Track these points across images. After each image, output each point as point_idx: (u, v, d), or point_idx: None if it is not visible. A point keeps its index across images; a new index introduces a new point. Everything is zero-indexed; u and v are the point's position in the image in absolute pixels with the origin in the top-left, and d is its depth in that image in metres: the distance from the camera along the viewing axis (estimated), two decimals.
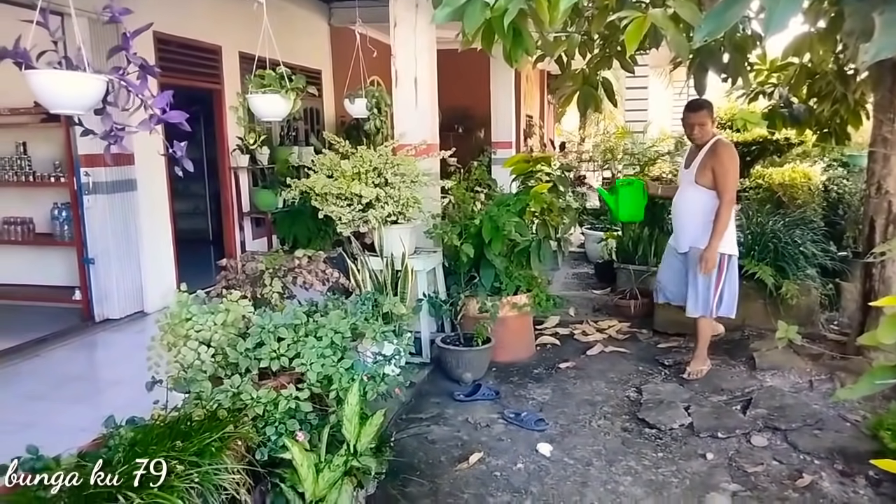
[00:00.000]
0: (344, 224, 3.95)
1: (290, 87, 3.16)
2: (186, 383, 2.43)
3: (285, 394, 2.29)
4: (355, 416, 2.28)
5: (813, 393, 3.78)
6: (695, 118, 3.93)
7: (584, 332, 5.07)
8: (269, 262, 3.12)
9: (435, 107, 4.70)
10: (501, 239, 4.05)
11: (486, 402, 3.83)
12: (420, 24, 4.46)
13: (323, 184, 3.84)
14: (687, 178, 4.03)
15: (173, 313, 2.71)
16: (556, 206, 4.35)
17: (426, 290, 4.33)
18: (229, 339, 2.61)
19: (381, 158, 4.02)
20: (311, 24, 8.09)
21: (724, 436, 3.32)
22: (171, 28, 5.70)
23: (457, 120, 10.32)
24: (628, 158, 7.18)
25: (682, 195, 4.10)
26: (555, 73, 15.29)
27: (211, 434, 1.92)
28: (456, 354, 4.08)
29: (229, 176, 6.69)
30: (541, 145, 13.66)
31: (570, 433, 3.43)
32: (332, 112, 8.60)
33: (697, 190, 3.93)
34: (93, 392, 4.05)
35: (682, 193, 4.11)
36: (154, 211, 5.67)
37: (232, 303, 2.75)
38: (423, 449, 3.26)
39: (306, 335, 2.55)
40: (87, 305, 5.32)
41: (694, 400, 3.77)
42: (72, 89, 2.03)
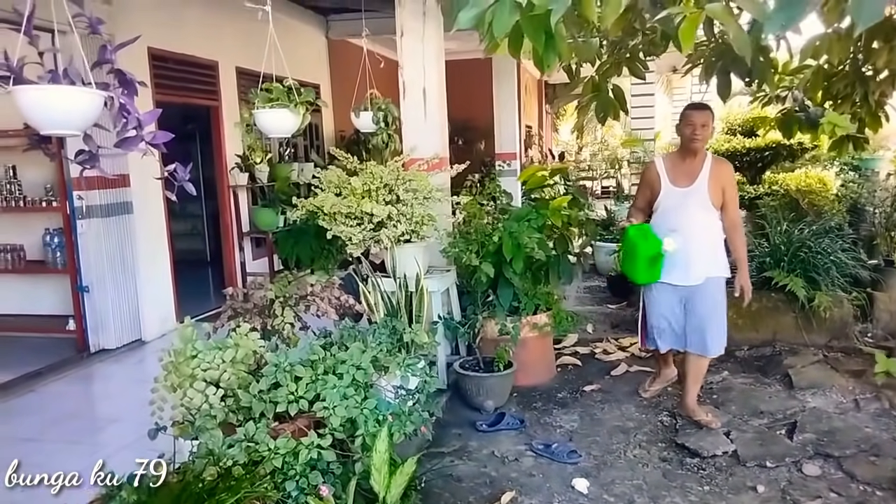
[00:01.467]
0: (354, 245, 3.72)
1: (299, 101, 2.94)
2: (194, 430, 2.19)
3: (306, 442, 2.05)
4: (385, 464, 2.03)
5: (861, 414, 3.55)
6: (700, 117, 3.42)
7: (606, 351, 4.84)
8: (279, 290, 2.89)
9: (444, 119, 4.49)
10: (523, 256, 3.82)
11: (510, 431, 3.58)
12: (428, 33, 4.25)
13: (332, 203, 3.60)
14: (696, 199, 3.42)
15: (177, 350, 2.47)
16: (576, 220, 4.13)
17: (440, 312, 4.09)
18: (240, 378, 2.37)
19: (391, 174, 3.79)
20: (308, 37, 7.90)
21: (773, 465, 3.09)
22: (166, 44, 5.49)
23: (457, 132, 10.11)
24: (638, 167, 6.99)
25: (693, 219, 3.42)
26: (553, 83, 15.19)
27: (226, 497, 1.67)
28: (476, 381, 3.84)
29: (228, 195, 6.45)
30: (541, 156, 13.48)
31: (606, 465, 3.19)
32: (331, 127, 8.40)
33: (710, 212, 3.45)
34: (90, 431, 3.79)
35: (690, 217, 3.42)
36: (151, 234, 5.42)
37: (241, 337, 2.51)
38: (450, 489, 3.01)
39: (325, 372, 2.31)
40: (82, 335, 5.06)
41: (733, 424, 3.54)
42: (66, 107, 1.78)
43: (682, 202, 3.45)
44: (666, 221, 3.48)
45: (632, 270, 3.54)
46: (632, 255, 3.49)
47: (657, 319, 3.61)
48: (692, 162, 3.46)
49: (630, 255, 3.53)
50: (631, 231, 3.51)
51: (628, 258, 3.57)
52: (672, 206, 3.48)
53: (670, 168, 3.52)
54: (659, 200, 3.53)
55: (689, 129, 3.44)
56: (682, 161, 3.50)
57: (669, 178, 3.50)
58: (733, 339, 4.63)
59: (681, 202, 3.46)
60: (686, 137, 3.46)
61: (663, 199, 3.51)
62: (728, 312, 4.68)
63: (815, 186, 6.23)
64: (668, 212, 3.48)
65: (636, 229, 3.48)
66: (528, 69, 11.35)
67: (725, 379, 4.18)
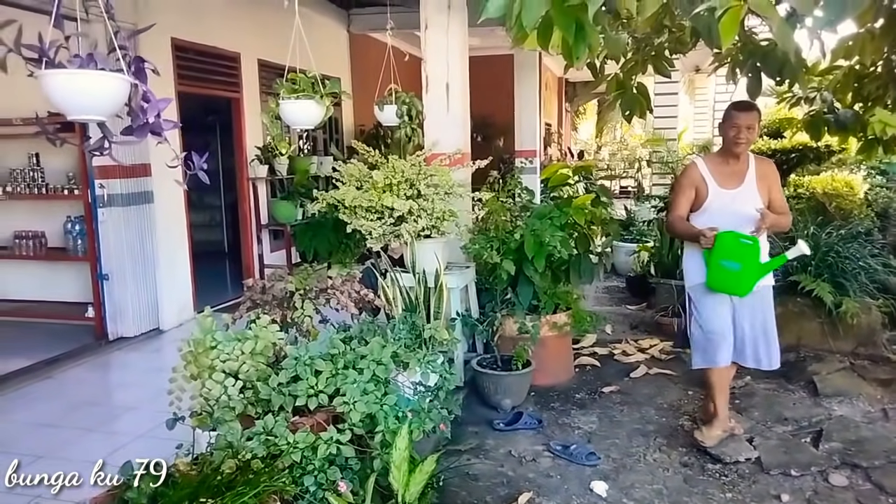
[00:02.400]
0: (374, 239, 3.69)
1: (325, 93, 2.91)
2: (213, 422, 2.17)
3: (325, 437, 2.02)
4: (404, 462, 2.00)
5: (890, 424, 3.46)
6: (745, 118, 3.12)
7: (625, 352, 4.77)
8: (299, 282, 2.86)
9: (467, 114, 4.45)
10: (544, 255, 3.77)
11: (528, 431, 3.53)
12: (452, 27, 4.21)
13: (353, 196, 3.58)
14: (745, 201, 3.13)
15: (197, 340, 2.45)
16: (598, 219, 4.07)
17: (459, 309, 4.05)
18: (259, 370, 2.34)
19: (413, 169, 3.76)
20: (330, 31, 7.88)
21: (798, 473, 3.01)
22: (189, 35, 5.50)
23: (476, 128, 10.03)
24: (660, 167, 6.89)
25: (744, 222, 3.09)
26: (573, 80, 15.07)
27: (245, 490, 1.65)
28: (494, 379, 3.80)
29: (247, 187, 6.46)
30: (560, 154, 13.38)
31: (626, 468, 3.13)
32: (350, 121, 8.38)
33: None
34: (107, 419, 3.80)
35: (740, 220, 3.10)
36: (171, 223, 5.44)
37: (261, 328, 2.49)
38: (466, 487, 2.97)
39: (345, 367, 2.28)
40: (101, 323, 5.08)
41: (756, 430, 3.46)
42: (95, 91, 1.75)
43: (730, 205, 3.15)
44: (719, 224, 3.07)
45: (736, 283, 3.01)
46: (746, 265, 2.95)
47: (712, 322, 3.22)
48: (736, 164, 3.19)
49: (739, 267, 2.96)
50: (730, 239, 2.96)
51: (728, 270, 2.99)
52: (720, 209, 3.16)
53: (714, 170, 3.21)
54: (706, 204, 3.19)
55: (733, 130, 3.12)
56: (726, 163, 3.21)
57: (716, 180, 3.18)
58: None
59: (729, 205, 3.15)
60: (729, 140, 3.14)
61: (711, 202, 3.18)
62: None
63: (843, 190, 6.10)
64: (716, 216, 3.14)
65: (733, 237, 2.97)
66: (549, 66, 11.25)
67: (748, 384, 4.10)
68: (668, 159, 6.70)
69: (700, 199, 3.23)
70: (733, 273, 2.99)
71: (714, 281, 3.08)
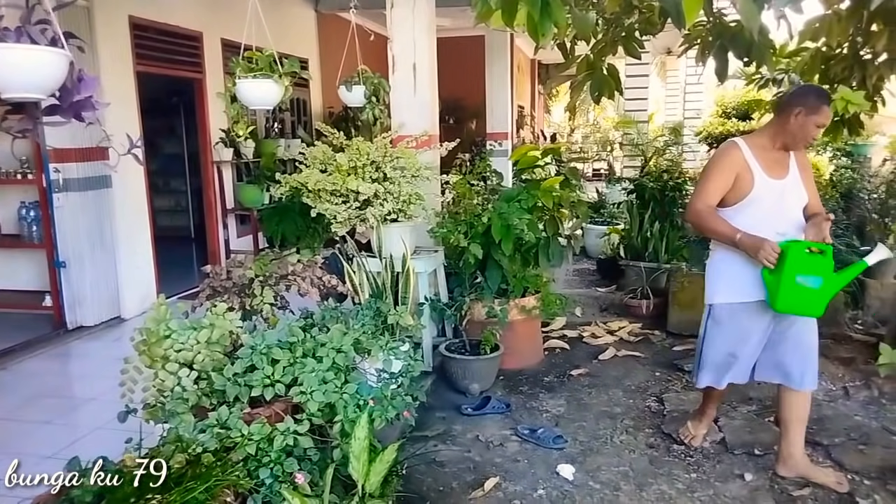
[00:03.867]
0: (339, 223, 3.61)
1: (283, 72, 2.80)
2: (165, 414, 2.09)
3: (282, 428, 1.96)
4: (364, 452, 1.95)
5: (851, 402, 3.51)
6: (829, 114, 2.61)
7: (594, 335, 4.78)
8: (259, 269, 2.78)
9: (435, 95, 4.37)
10: (512, 238, 3.73)
11: (496, 416, 3.52)
12: (419, 5, 4.11)
13: (316, 179, 3.49)
14: (794, 194, 2.69)
15: (149, 330, 2.36)
16: (567, 202, 4.04)
17: (427, 293, 4.00)
18: (215, 360, 2.27)
19: (379, 151, 3.68)
20: (297, 10, 7.69)
21: (761, 452, 3.04)
22: (147, 13, 5.31)
23: (448, 111, 9.96)
24: (630, 149, 6.89)
25: (793, 219, 2.68)
26: (546, 63, 15.01)
27: (195, 485, 1.59)
28: (462, 364, 3.77)
29: (212, 170, 6.30)
30: (533, 136, 13.35)
31: (592, 451, 3.13)
32: (319, 102, 8.22)
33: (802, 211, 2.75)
34: (65, 410, 3.69)
35: (791, 216, 2.69)
36: (131, 209, 5.28)
37: (217, 317, 2.41)
38: (432, 473, 2.94)
39: (304, 355, 2.22)
40: (59, 312, 4.93)
41: (721, 411, 3.48)
42: (32, 67, 1.63)
43: (780, 198, 2.66)
44: (764, 223, 2.60)
45: (814, 303, 2.50)
46: (826, 280, 2.46)
47: (738, 349, 2.80)
48: (781, 151, 2.68)
49: (820, 283, 2.46)
50: (801, 251, 2.47)
51: (807, 288, 2.46)
52: (771, 203, 2.64)
53: (758, 155, 2.64)
54: (749, 197, 2.64)
55: (814, 127, 2.58)
56: (772, 148, 2.67)
57: (762, 166, 2.63)
58: None
59: (780, 198, 2.65)
60: (805, 133, 2.59)
61: (759, 193, 2.63)
62: None
63: None
64: (763, 213, 2.63)
65: (802, 247, 2.49)
66: (521, 48, 11.17)
67: None
68: (638, 141, 6.70)
69: (741, 191, 2.63)
70: (813, 292, 2.45)
71: (787, 302, 2.50)
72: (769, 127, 2.73)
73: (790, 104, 2.60)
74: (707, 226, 2.71)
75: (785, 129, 2.61)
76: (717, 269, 2.82)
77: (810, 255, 2.47)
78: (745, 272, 2.68)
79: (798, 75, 4.97)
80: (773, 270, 2.49)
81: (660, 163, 6.18)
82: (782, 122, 2.61)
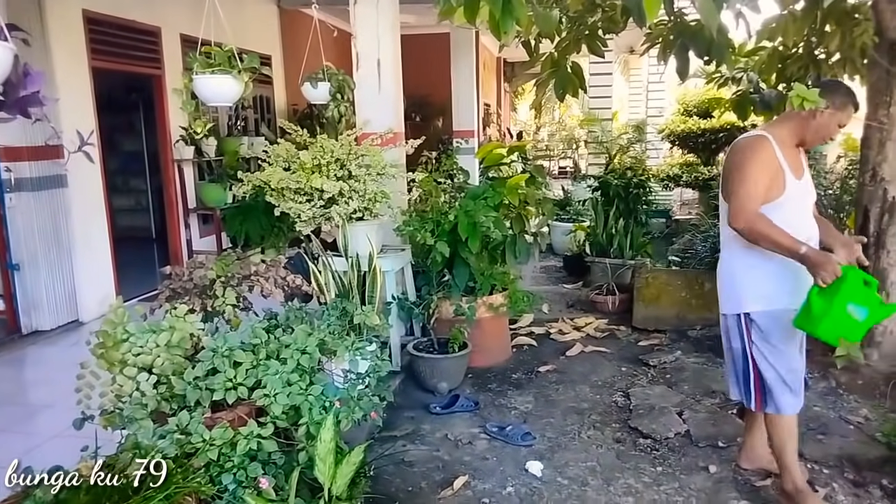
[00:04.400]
0: (303, 222, 3.56)
1: (242, 68, 2.74)
2: (123, 420, 2.03)
3: (245, 432, 1.92)
4: (330, 454, 1.92)
5: (809, 393, 3.56)
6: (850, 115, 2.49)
7: (561, 331, 4.82)
8: (221, 269, 2.72)
9: (400, 92, 4.34)
10: (479, 236, 3.72)
11: (465, 414, 3.51)
12: (383, 1, 4.07)
13: (279, 178, 3.43)
14: (811, 196, 2.56)
15: (106, 333, 2.29)
16: (533, 199, 4.05)
17: (395, 292, 3.98)
18: (175, 363, 2.21)
19: (343, 149, 3.63)
20: (259, 6, 7.56)
21: (725, 444, 3.10)
22: (102, 7, 5.15)
23: (414, 108, 9.93)
24: (595, 147, 6.95)
25: (813, 227, 2.52)
26: (512, 61, 15.07)
27: (153, 493, 1.54)
28: (430, 363, 3.75)
29: (173, 169, 6.15)
30: (499, 134, 13.39)
31: (560, 447, 3.15)
32: (283, 100, 8.10)
33: None
34: (20, 418, 3.56)
35: (812, 220, 2.54)
36: (88, 209, 5.12)
37: (177, 319, 2.35)
38: (401, 474, 2.92)
39: (267, 357, 2.17)
40: (13, 316, 4.76)
41: (686, 404, 3.54)
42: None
43: (803, 200, 2.50)
44: (797, 229, 2.38)
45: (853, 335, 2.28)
46: (872, 312, 2.25)
47: (798, 362, 2.54)
48: (796, 147, 2.52)
49: (866, 315, 2.25)
50: (857, 277, 2.24)
51: (853, 319, 2.24)
52: (797, 206, 2.45)
53: (784, 153, 2.42)
54: (780, 200, 2.40)
55: (837, 126, 2.46)
56: (791, 144, 2.48)
57: (789, 165, 2.42)
58: (686, 319, 4.69)
59: (802, 201, 2.49)
60: (828, 131, 2.46)
61: (789, 195, 2.41)
62: (681, 293, 4.76)
63: None
64: (792, 215, 2.42)
65: (858, 275, 2.26)
66: (486, 46, 11.18)
67: (678, 359, 4.19)
68: (602, 139, 6.77)
69: (772, 193, 2.40)
70: (855, 323, 2.25)
71: (829, 329, 2.26)
72: (788, 121, 2.48)
73: None
74: (764, 234, 2.33)
75: (808, 124, 2.42)
76: (752, 274, 2.50)
77: (865, 286, 2.25)
78: (785, 277, 2.44)
79: (756, 74, 5.09)
80: (823, 292, 2.25)
81: (624, 160, 6.24)
82: (806, 117, 2.40)
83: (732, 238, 2.51)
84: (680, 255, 5.25)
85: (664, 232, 6.52)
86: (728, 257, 2.60)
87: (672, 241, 6.14)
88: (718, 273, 2.65)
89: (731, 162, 2.49)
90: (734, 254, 2.56)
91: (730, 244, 2.57)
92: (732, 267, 2.57)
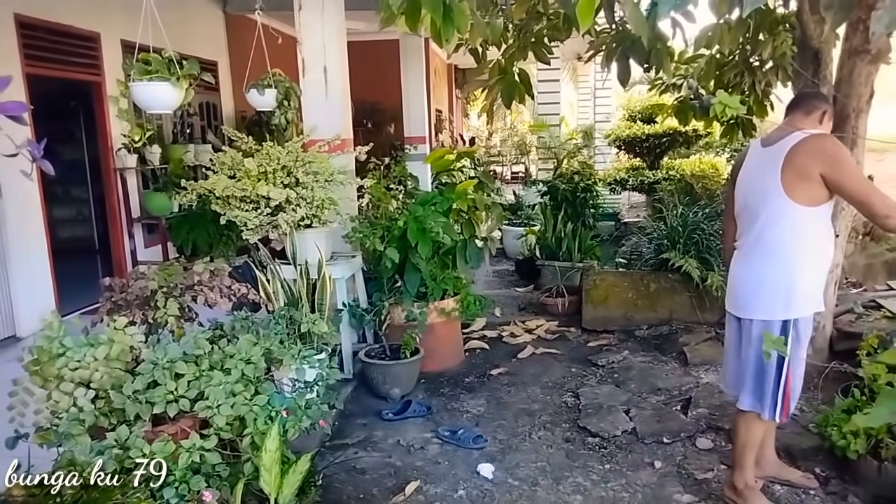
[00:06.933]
0: (250, 230, 3.51)
1: (181, 74, 2.69)
2: (58, 437, 1.96)
3: (187, 444, 1.88)
4: (275, 464, 1.90)
5: None
6: None
7: (513, 334, 4.87)
8: (162, 279, 2.66)
9: (347, 98, 4.32)
10: (428, 241, 3.74)
11: (417, 419, 3.52)
12: (328, 8, 4.06)
13: (224, 185, 3.38)
14: None
15: (41, 348, 2.21)
16: (482, 204, 4.09)
17: (346, 300, 3.96)
18: (114, 377, 2.15)
19: (290, 156, 3.61)
20: (204, 11, 7.42)
21: (669, 440, 3.19)
22: (37, 11, 4.97)
23: (366, 114, 9.91)
24: (544, 152, 7.07)
25: None
26: (463, 67, 15.17)
27: None
28: (382, 369, 3.74)
29: (115, 178, 5.97)
30: (452, 140, 13.46)
31: (511, 449, 3.18)
32: (231, 106, 7.96)
33: None
34: None
35: None
36: (23, 220, 4.92)
37: (116, 332, 2.29)
38: (353, 481, 2.90)
39: (211, 368, 2.14)
40: None
41: (633, 402, 3.63)
42: None
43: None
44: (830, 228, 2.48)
45: None
46: None
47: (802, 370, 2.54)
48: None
49: None
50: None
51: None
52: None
53: None
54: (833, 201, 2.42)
55: None
56: None
57: None
58: (633, 319, 4.81)
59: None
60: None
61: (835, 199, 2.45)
62: (628, 294, 4.88)
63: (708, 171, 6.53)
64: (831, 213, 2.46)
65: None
66: (437, 52, 11.25)
67: (626, 358, 4.29)
68: (550, 144, 6.89)
69: (827, 194, 2.36)
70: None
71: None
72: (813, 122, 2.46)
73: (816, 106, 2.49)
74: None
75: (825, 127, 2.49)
76: (805, 279, 2.40)
77: None
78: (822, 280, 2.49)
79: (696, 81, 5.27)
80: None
81: (572, 165, 6.36)
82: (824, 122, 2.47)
83: (786, 240, 2.39)
84: (627, 257, 5.38)
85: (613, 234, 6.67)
86: (773, 262, 2.42)
87: (620, 243, 6.29)
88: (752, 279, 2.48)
89: (821, 165, 2.30)
90: (790, 257, 2.40)
91: (780, 247, 2.41)
92: (788, 271, 2.40)
